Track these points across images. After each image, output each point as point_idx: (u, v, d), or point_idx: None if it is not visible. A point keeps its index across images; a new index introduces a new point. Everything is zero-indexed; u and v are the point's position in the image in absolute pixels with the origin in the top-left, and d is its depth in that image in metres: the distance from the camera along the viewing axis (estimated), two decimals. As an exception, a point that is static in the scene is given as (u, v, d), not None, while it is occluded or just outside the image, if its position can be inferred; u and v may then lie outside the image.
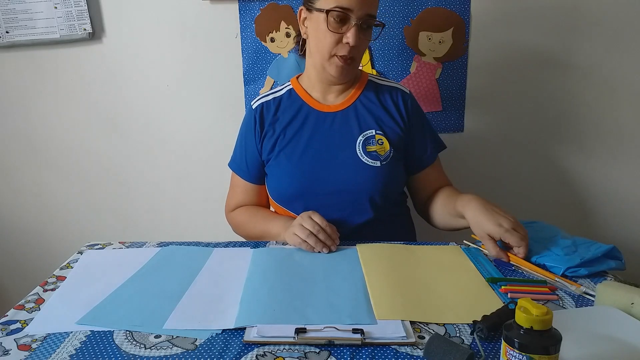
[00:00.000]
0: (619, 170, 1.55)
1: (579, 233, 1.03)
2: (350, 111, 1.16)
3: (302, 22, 1.13)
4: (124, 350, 0.68)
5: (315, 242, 0.97)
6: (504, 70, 1.50)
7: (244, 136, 1.22)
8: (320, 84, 1.17)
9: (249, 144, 1.20)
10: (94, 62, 1.57)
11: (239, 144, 1.25)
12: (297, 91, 1.19)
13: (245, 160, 1.21)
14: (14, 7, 1.51)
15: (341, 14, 1.03)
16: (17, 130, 1.67)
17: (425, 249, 1.00)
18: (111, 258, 0.99)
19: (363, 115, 1.16)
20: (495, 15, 1.45)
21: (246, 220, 1.21)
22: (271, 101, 1.19)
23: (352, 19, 1.03)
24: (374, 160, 1.11)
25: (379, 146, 1.13)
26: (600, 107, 1.51)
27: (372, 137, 1.13)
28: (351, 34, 1.03)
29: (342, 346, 0.68)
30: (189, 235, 1.71)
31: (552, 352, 0.55)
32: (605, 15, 1.43)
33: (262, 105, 1.19)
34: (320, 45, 1.08)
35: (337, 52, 1.06)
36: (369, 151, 1.12)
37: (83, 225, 1.76)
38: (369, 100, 1.17)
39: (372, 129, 1.14)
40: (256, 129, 1.18)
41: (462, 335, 0.71)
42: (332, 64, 1.08)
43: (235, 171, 1.25)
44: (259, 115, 1.18)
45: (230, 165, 1.26)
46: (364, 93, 1.18)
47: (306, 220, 0.99)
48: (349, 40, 1.04)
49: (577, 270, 0.89)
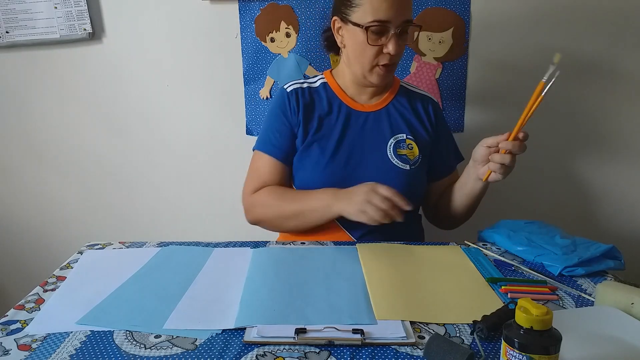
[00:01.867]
0: (619, 170, 1.55)
1: (579, 233, 1.03)
2: (383, 113, 1.17)
3: (337, 32, 1.14)
4: (124, 350, 0.68)
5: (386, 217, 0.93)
6: (504, 70, 1.50)
7: (277, 115, 1.17)
8: (355, 85, 1.17)
9: (283, 123, 1.16)
10: (94, 62, 1.57)
11: (269, 124, 1.19)
12: (332, 86, 1.19)
13: (277, 138, 1.16)
14: (14, 7, 1.51)
15: (379, 27, 1.03)
16: (17, 130, 1.67)
17: (425, 249, 1.00)
18: (111, 258, 0.99)
19: (395, 118, 1.17)
20: (495, 15, 1.45)
21: (275, 198, 1.12)
22: (306, 89, 1.18)
23: (391, 29, 1.03)
24: (404, 164, 1.12)
25: (409, 150, 1.14)
26: (601, 106, 1.51)
27: (403, 141, 1.15)
28: (392, 44, 1.04)
29: (342, 346, 0.68)
30: (189, 235, 1.72)
31: (552, 352, 0.55)
32: (605, 13, 1.42)
33: (298, 90, 1.17)
34: (361, 58, 1.08)
35: (378, 62, 1.07)
36: (399, 154, 1.13)
37: (83, 225, 1.76)
38: (401, 105, 1.19)
39: (403, 133, 1.16)
40: (292, 109, 1.15)
41: (462, 335, 0.71)
42: (374, 74, 1.10)
43: (265, 150, 1.17)
44: (295, 99, 1.16)
45: (258, 147, 1.19)
46: (396, 97, 1.19)
47: (373, 196, 0.94)
48: (390, 50, 1.04)
49: (575, 269, 0.89)
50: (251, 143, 1.38)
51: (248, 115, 1.57)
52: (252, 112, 1.57)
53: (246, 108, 1.57)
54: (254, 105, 1.56)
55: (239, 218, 1.68)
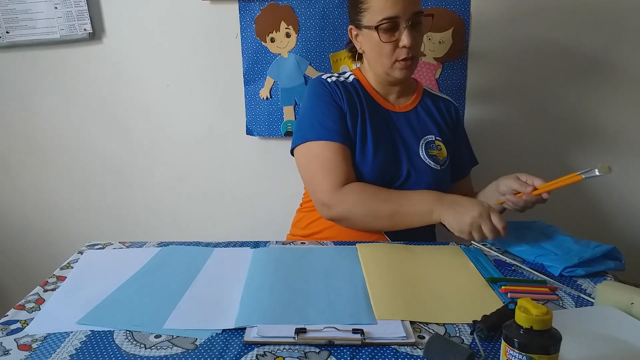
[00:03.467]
0: (620, 170, 1.55)
1: (579, 233, 1.03)
2: (412, 114, 1.19)
3: (355, 39, 1.16)
4: (124, 350, 0.68)
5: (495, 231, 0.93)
6: (504, 70, 1.50)
7: (325, 102, 1.12)
8: (381, 85, 1.18)
9: (335, 107, 1.11)
10: (94, 62, 1.57)
11: (319, 111, 1.11)
12: (364, 84, 1.19)
13: (335, 122, 1.10)
14: (14, 7, 1.51)
15: (389, 23, 1.05)
16: (17, 130, 1.67)
17: (425, 249, 1.00)
18: (111, 258, 0.99)
19: (424, 120, 1.19)
20: (495, 15, 1.45)
21: (369, 196, 1.04)
22: (341, 83, 1.16)
23: (402, 23, 1.05)
24: (435, 164, 1.14)
25: (438, 151, 1.16)
26: (601, 106, 1.51)
27: (432, 142, 1.17)
28: (405, 37, 1.05)
29: (342, 346, 0.68)
30: (189, 235, 1.72)
31: (552, 352, 0.55)
32: (605, 13, 1.42)
33: (337, 82, 1.15)
34: (380, 58, 1.10)
35: (397, 58, 1.08)
36: (431, 154, 1.15)
37: (83, 225, 1.76)
38: (428, 107, 1.21)
39: (432, 134, 1.17)
40: (338, 96, 1.12)
41: (462, 335, 0.71)
42: (396, 69, 1.10)
43: (328, 138, 1.08)
44: (338, 89, 1.13)
45: (314, 136, 1.10)
46: (423, 99, 1.22)
47: (485, 222, 0.92)
48: (405, 43, 1.05)
49: (575, 270, 0.89)
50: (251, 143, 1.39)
51: (248, 115, 1.57)
52: (252, 112, 1.57)
53: (246, 108, 1.57)
54: (254, 105, 1.56)
55: (239, 218, 1.70)
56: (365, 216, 1.04)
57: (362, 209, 1.04)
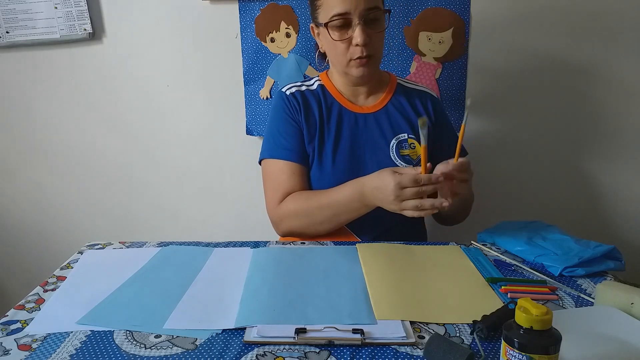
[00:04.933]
0: (620, 170, 1.55)
1: (579, 233, 1.03)
2: (382, 114, 1.15)
3: (317, 37, 1.14)
4: (124, 350, 0.68)
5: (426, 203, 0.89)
6: (504, 70, 1.50)
7: (282, 118, 1.14)
8: (347, 86, 1.16)
9: (291, 124, 1.13)
10: (94, 62, 1.57)
11: (275, 129, 1.14)
12: (329, 89, 1.17)
13: (289, 140, 1.12)
14: (14, 7, 1.51)
15: (341, 20, 1.02)
16: (17, 131, 1.67)
17: (425, 249, 1.00)
18: (111, 258, 0.99)
19: (396, 118, 1.15)
20: (496, 15, 1.45)
21: (303, 205, 1.06)
22: (305, 92, 1.17)
23: (354, 19, 1.02)
24: (407, 164, 1.11)
25: (411, 150, 1.13)
26: (601, 106, 1.51)
27: (405, 141, 1.13)
28: (357, 34, 1.02)
29: (342, 346, 0.68)
30: (189, 235, 1.72)
31: (552, 352, 0.55)
32: (605, 14, 1.42)
33: (296, 93, 1.15)
34: (335, 56, 1.09)
35: (352, 56, 1.06)
36: (402, 155, 1.12)
37: (83, 225, 1.76)
38: (400, 104, 1.17)
39: (405, 133, 1.14)
40: (295, 110, 1.13)
41: (462, 335, 0.71)
42: (352, 68, 1.08)
43: (278, 156, 1.12)
44: (296, 101, 1.14)
45: (269, 154, 1.14)
46: (394, 96, 1.17)
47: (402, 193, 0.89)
48: (357, 41, 1.02)
49: (575, 270, 0.89)
50: (251, 143, 1.39)
51: (248, 115, 1.57)
52: (252, 112, 1.57)
53: (246, 108, 1.57)
54: (254, 105, 1.56)
55: (239, 218, 1.70)
56: (308, 226, 1.07)
57: (302, 220, 1.07)
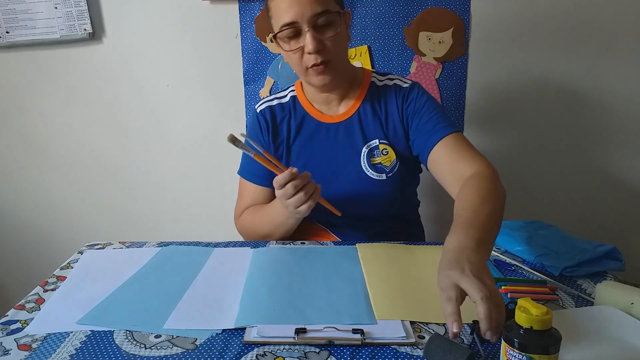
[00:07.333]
0: (620, 170, 1.55)
1: (579, 233, 1.03)
2: (353, 121, 1.10)
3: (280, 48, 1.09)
4: (124, 350, 0.68)
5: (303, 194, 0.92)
6: (504, 70, 1.50)
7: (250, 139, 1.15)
8: (317, 94, 1.11)
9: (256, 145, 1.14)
10: (94, 62, 1.58)
11: None
12: (301, 100, 1.14)
13: (254, 164, 1.09)
14: (14, 7, 1.51)
15: (291, 30, 0.97)
16: (17, 131, 1.67)
17: (425, 249, 1.00)
18: (111, 258, 0.99)
19: (367, 123, 1.09)
20: (495, 15, 1.45)
21: (251, 219, 1.14)
22: (276, 107, 1.15)
23: (303, 27, 0.96)
24: (379, 174, 1.07)
25: (383, 157, 1.08)
26: (601, 106, 1.51)
27: (376, 148, 1.08)
28: (308, 42, 0.96)
29: (342, 346, 0.68)
30: (189, 235, 1.72)
31: (552, 352, 0.55)
32: (604, 18, 1.42)
33: (265, 110, 1.15)
34: (293, 66, 1.04)
35: (307, 65, 1.00)
36: (373, 163, 1.08)
37: (83, 225, 1.76)
38: (372, 107, 1.10)
39: (376, 139, 1.09)
40: (263, 132, 1.14)
41: (462, 335, 0.71)
42: (311, 76, 1.02)
43: (245, 176, 1.17)
44: (264, 120, 1.14)
45: (240, 173, 1.19)
46: (366, 98, 1.10)
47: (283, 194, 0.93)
48: (309, 48, 0.96)
49: (575, 270, 0.89)
50: (251, 143, 1.36)
51: (248, 115, 1.57)
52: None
53: (246, 108, 1.57)
54: (254, 105, 1.55)
55: (239, 218, 1.69)
56: (258, 237, 1.11)
57: (252, 233, 1.13)
